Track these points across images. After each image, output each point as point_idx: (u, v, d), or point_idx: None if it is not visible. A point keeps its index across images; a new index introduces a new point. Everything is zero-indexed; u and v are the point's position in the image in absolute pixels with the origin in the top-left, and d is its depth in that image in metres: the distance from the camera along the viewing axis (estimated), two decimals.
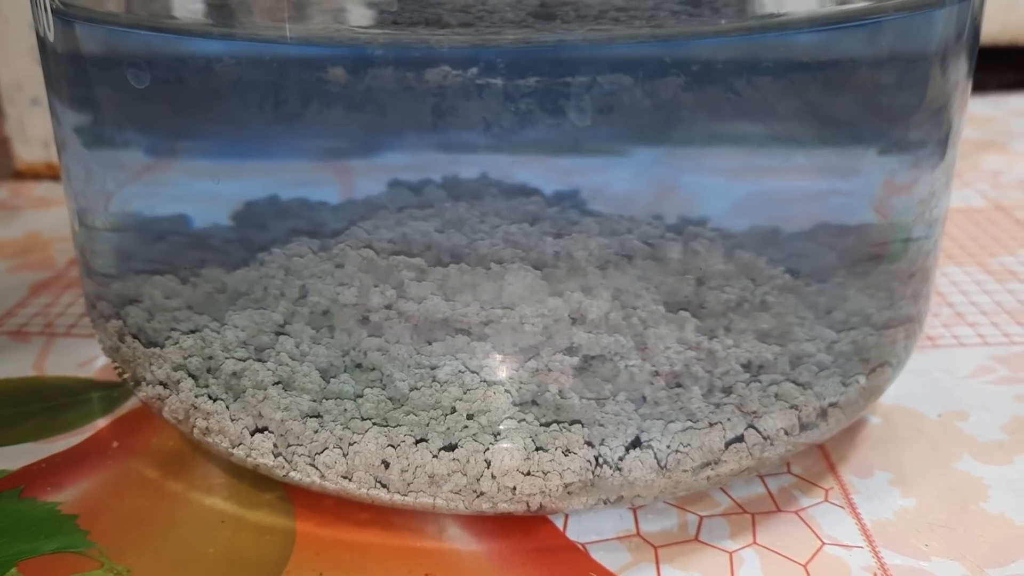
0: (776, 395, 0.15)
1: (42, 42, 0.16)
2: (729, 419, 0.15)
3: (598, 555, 0.15)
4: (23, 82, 0.30)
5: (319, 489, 0.15)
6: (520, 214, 0.16)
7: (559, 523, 0.16)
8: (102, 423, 0.18)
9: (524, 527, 0.16)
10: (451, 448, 0.15)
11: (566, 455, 0.15)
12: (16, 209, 0.29)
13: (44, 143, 0.31)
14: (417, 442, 0.15)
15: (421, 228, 0.16)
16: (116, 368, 0.17)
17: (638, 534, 0.15)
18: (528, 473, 0.15)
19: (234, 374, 0.16)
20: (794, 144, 0.15)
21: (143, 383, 0.16)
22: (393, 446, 0.15)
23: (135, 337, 0.16)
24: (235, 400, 0.16)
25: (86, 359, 0.20)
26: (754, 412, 0.15)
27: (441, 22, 0.13)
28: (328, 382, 0.15)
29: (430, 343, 0.15)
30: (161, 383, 0.16)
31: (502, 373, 0.15)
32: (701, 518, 0.16)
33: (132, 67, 0.14)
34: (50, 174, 0.32)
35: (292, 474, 0.15)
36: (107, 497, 0.16)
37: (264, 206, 0.16)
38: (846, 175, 0.16)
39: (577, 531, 0.16)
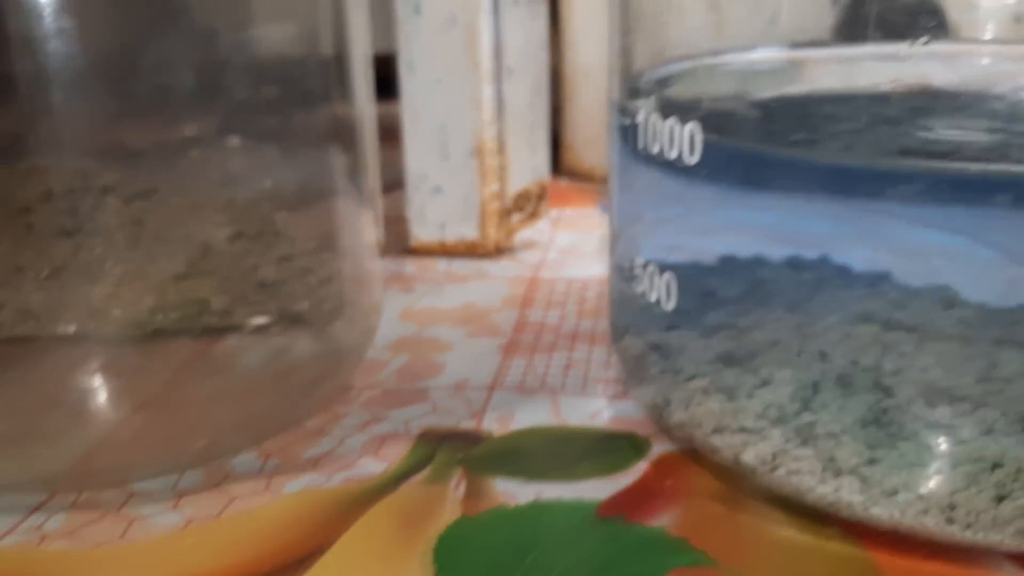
0: None
1: (646, 154, 0.20)
2: None
3: None
4: (429, 173, 0.35)
5: (891, 524, 0.18)
6: None
7: None
8: (643, 465, 0.21)
9: None
10: (1002, 498, 0.17)
11: None
12: (434, 283, 0.33)
13: (440, 225, 0.36)
14: (970, 487, 0.18)
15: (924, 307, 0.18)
16: (658, 417, 0.21)
17: None
18: None
19: (808, 424, 0.19)
20: None
21: (724, 432, 0.19)
22: (955, 491, 0.18)
23: (718, 392, 0.20)
24: (806, 445, 0.19)
25: (593, 412, 0.24)
26: None
27: None
28: (867, 433, 0.18)
29: (934, 407, 0.18)
30: (743, 430, 0.19)
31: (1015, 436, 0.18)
32: None
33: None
34: (441, 252, 0.36)
35: (874, 510, 0.18)
36: (694, 526, 0.19)
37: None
38: None
39: None
